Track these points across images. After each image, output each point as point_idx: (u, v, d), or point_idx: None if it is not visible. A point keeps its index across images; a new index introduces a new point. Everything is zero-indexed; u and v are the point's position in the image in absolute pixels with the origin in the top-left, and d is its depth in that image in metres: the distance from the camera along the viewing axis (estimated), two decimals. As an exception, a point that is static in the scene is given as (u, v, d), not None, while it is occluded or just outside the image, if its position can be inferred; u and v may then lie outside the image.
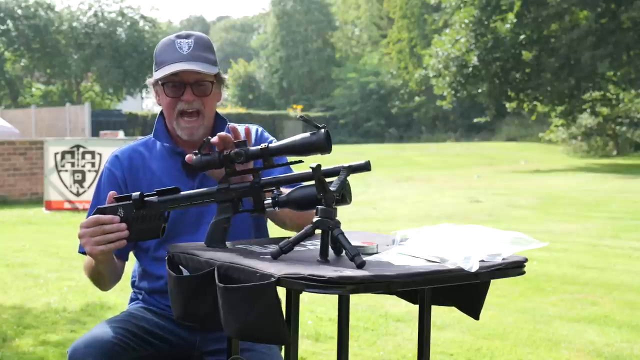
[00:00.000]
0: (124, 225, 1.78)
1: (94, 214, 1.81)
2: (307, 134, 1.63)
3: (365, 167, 1.60)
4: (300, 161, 1.74)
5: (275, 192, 1.66)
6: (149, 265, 2.10)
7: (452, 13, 25.71)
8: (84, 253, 1.96)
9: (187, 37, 2.04)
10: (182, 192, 1.78)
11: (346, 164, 1.61)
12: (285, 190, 1.69)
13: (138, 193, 1.78)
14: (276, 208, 1.65)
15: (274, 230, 2.14)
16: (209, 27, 73.89)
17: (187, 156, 1.77)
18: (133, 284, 2.19)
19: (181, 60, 1.99)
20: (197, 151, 1.74)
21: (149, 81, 2.10)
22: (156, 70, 2.04)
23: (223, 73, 2.10)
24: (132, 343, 1.93)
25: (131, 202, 1.78)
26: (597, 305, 5.01)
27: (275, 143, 1.69)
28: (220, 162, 1.72)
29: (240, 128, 2.17)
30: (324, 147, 1.61)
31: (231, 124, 1.87)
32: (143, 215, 1.78)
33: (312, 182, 1.61)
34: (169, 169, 2.09)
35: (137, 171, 2.11)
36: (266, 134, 2.15)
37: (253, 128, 2.15)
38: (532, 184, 15.05)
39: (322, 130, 1.61)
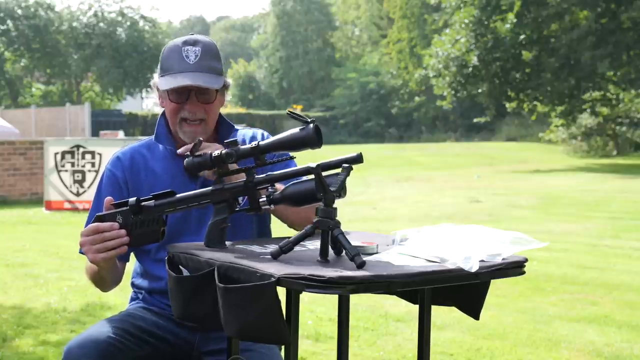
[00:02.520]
0: (123, 231, 1.78)
1: (93, 221, 1.81)
2: (297, 130, 1.63)
3: (358, 159, 1.59)
4: (293, 157, 1.74)
5: (269, 190, 1.66)
6: (150, 267, 2.10)
7: (452, 13, 25.70)
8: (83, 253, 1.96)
9: (194, 44, 2.00)
10: (177, 195, 1.78)
11: (343, 161, 1.60)
12: (281, 187, 1.69)
13: (134, 199, 1.78)
14: (271, 206, 1.65)
15: (277, 229, 2.14)
16: (209, 27, 73.85)
17: (179, 150, 1.81)
18: (133, 284, 2.19)
19: (188, 70, 1.97)
20: (189, 153, 1.74)
21: (153, 82, 2.09)
22: (161, 76, 2.02)
23: (228, 79, 2.08)
24: (128, 343, 1.92)
25: (128, 208, 1.78)
26: (597, 305, 5.01)
27: (265, 141, 1.69)
28: (212, 163, 1.72)
29: (248, 132, 2.18)
30: (313, 141, 1.61)
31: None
32: (141, 220, 1.78)
33: (306, 177, 1.61)
34: (171, 170, 2.08)
35: (138, 172, 2.10)
36: None
37: (259, 132, 2.17)
38: (532, 184, 15.04)
39: (311, 125, 1.61)
